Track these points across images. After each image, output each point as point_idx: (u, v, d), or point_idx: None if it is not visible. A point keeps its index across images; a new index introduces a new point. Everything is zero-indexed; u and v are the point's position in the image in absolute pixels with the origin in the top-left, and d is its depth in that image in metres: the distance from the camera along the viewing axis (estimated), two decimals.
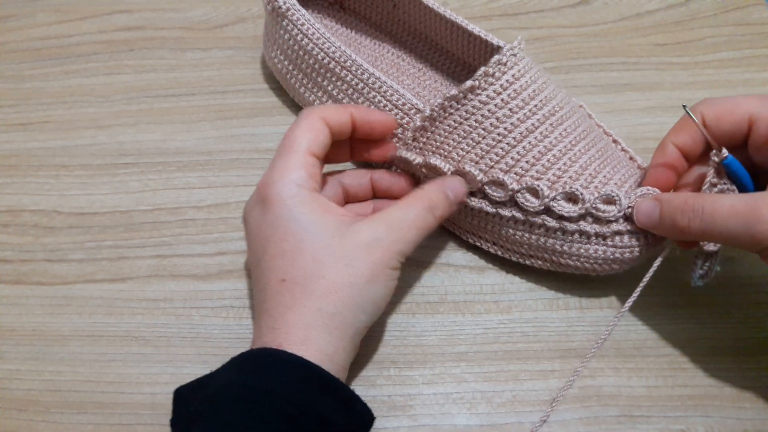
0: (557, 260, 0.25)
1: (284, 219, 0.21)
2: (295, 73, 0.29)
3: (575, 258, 0.24)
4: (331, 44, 0.27)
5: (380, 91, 0.26)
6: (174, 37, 0.35)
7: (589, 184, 0.23)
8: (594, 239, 0.23)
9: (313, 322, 0.20)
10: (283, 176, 0.22)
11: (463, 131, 0.24)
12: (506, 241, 0.25)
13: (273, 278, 0.21)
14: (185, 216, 0.29)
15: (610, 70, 0.32)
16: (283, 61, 0.30)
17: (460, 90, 0.23)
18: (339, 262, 0.21)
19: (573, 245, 0.24)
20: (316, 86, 0.29)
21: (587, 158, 0.24)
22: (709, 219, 0.20)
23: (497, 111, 0.23)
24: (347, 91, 0.27)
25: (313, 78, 0.28)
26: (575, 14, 0.35)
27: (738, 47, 0.33)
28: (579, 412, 0.23)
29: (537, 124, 0.23)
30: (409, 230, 0.22)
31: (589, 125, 0.25)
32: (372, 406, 0.24)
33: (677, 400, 0.24)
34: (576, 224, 0.23)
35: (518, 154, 0.23)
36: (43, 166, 0.31)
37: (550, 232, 0.24)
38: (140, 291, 0.27)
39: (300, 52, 0.28)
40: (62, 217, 0.29)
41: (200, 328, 0.26)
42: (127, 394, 0.25)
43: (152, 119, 0.32)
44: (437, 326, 0.26)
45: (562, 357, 0.25)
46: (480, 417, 0.24)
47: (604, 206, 0.23)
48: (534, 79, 0.24)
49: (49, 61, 0.34)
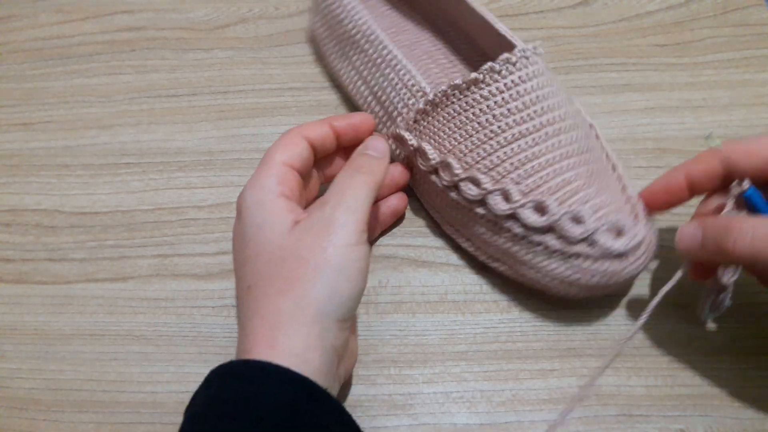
0: (518, 269, 0.24)
1: (247, 225, 0.21)
2: (328, 41, 0.30)
3: (535, 270, 0.24)
4: (361, 16, 0.28)
5: (395, 68, 0.27)
6: (175, 37, 0.35)
7: (564, 201, 0.23)
8: (555, 255, 0.23)
9: (276, 322, 0.19)
10: (252, 185, 0.22)
11: (459, 121, 0.24)
12: (477, 239, 0.26)
13: (241, 287, 0.21)
14: (186, 216, 0.29)
15: (610, 71, 0.32)
16: (321, 27, 0.31)
17: (465, 81, 0.23)
18: (293, 256, 0.20)
19: (535, 257, 0.23)
20: (343, 56, 0.29)
21: (572, 174, 0.23)
22: (760, 241, 0.19)
23: (495, 108, 0.23)
24: (367, 63, 0.28)
25: (342, 47, 0.29)
26: (575, 15, 0.35)
27: (738, 48, 0.33)
28: (578, 412, 0.24)
29: (531, 129, 0.23)
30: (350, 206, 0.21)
31: (590, 145, 0.25)
32: (372, 405, 0.24)
33: (676, 400, 0.24)
34: (541, 236, 0.23)
35: (504, 155, 0.23)
36: (45, 165, 0.31)
37: (516, 239, 0.24)
38: (141, 290, 0.27)
39: (333, 21, 0.29)
40: (64, 216, 0.29)
41: (201, 327, 0.26)
42: (128, 393, 0.25)
43: (154, 119, 0.32)
44: (437, 325, 0.26)
45: (562, 356, 0.25)
46: (480, 416, 0.24)
47: (570, 224, 0.22)
48: (541, 85, 0.24)
49: (51, 61, 0.34)
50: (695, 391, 0.24)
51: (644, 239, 0.23)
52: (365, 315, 0.26)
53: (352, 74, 0.29)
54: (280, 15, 0.35)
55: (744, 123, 0.30)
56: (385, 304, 0.26)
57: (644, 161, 0.30)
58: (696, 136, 0.30)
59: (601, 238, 0.22)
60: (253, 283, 0.21)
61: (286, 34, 0.34)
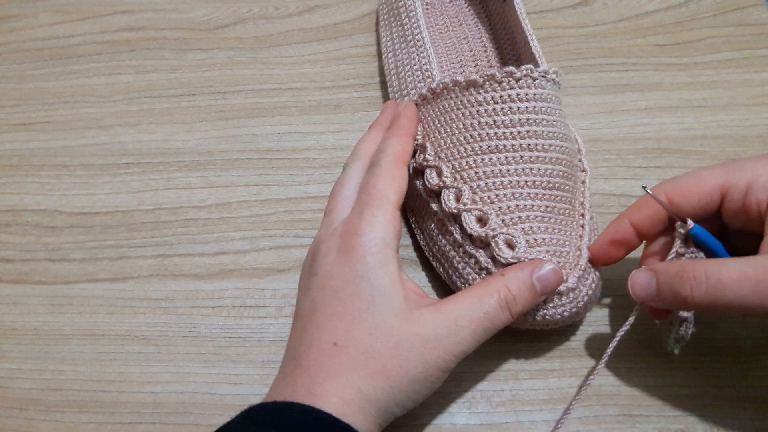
0: (450, 275, 0.24)
1: (359, 276, 0.20)
2: (384, 8, 0.32)
3: (461, 281, 0.24)
4: (412, 9, 0.29)
5: (419, 48, 0.27)
6: (175, 37, 0.35)
7: (508, 224, 0.23)
8: (482, 272, 0.23)
9: (352, 399, 0.19)
10: (372, 230, 0.20)
11: (449, 117, 0.24)
12: (427, 234, 0.26)
13: (325, 337, 0.20)
14: (186, 216, 0.29)
15: (610, 71, 0.32)
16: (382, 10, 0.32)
17: (465, 79, 0.24)
18: (394, 350, 0.19)
19: (465, 268, 0.23)
20: (389, 25, 0.31)
21: (529, 204, 0.23)
22: (716, 286, 0.19)
23: (483, 116, 0.23)
24: (401, 37, 0.29)
25: (390, 16, 0.31)
26: (575, 15, 0.35)
27: (737, 48, 0.33)
28: (578, 412, 0.24)
29: (508, 147, 0.23)
30: (476, 330, 0.20)
31: (565, 186, 0.24)
32: None
33: (677, 400, 0.24)
34: (475, 250, 0.23)
35: (474, 162, 0.23)
36: (45, 166, 0.31)
37: (455, 245, 0.24)
38: (141, 290, 0.27)
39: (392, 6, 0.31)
40: (64, 216, 0.29)
41: (201, 327, 0.26)
42: (128, 393, 0.25)
43: (153, 119, 0.32)
44: None
45: (562, 357, 0.25)
46: (479, 416, 0.24)
47: (504, 246, 0.22)
48: (537, 111, 0.23)
49: (51, 61, 0.34)
50: (695, 392, 0.24)
51: (575, 289, 0.22)
52: None
53: (389, 44, 0.31)
54: (280, 15, 0.35)
55: (743, 123, 0.30)
56: None
57: (644, 161, 0.29)
58: (696, 136, 0.30)
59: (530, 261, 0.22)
60: (342, 344, 0.19)
61: (286, 34, 0.34)
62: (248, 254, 0.28)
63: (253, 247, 0.28)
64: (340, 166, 0.28)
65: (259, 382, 0.25)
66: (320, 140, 0.31)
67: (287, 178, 0.30)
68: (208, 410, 0.24)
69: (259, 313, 0.26)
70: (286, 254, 0.28)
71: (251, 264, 0.27)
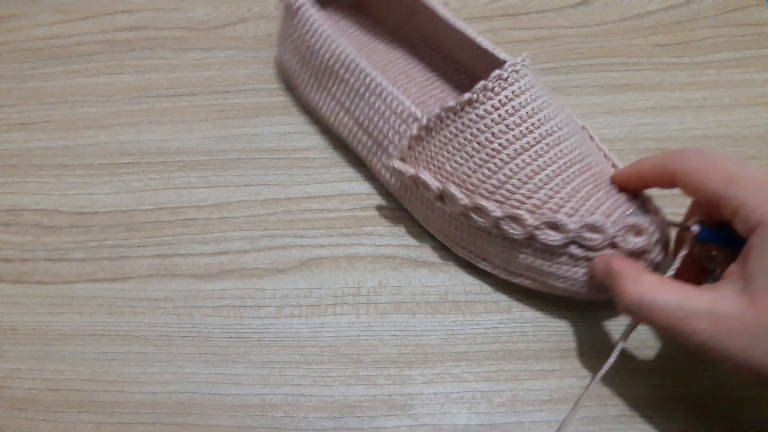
0: (545, 281, 0.24)
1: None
2: (303, 72, 0.29)
3: (562, 280, 0.24)
4: (338, 45, 0.27)
5: (381, 96, 0.26)
6: (175, 37, 0.35)
7: (577, 210, 0.23)
8: (582, 262, 0.23)
9: None
10: None
11: (457, 144, 0.23)
12: (495, 258, 0.25)
13: None
14: (186, 215, 0.29)
15: (611, 71, 0.32)
16: (292, 59, 0.30)
17: (458, 102, 0.23)
18: None
19: (561, 267, 0.23)
20: (321, 87, 0.28)
21: (580, 181, 0.23)
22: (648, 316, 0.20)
23: (493, 126, 0.23)
24: (349, 93, 0.27)
25: (319, 78, 0.28)
26: (576, 15, 0.34)
27: (739, 48, 0.33)
28: (579, 412, 0.23)
29: (532, 142, 0.23)
30: None
31: (588, 148, 0.25)
32: (372, 406, 0.24)
33: (678, 401, 0.24)
34: (563, 249, 0.23)
35: (510, 172, 0.23)
36: (45, 165, 0.31)
37: (537, 254, 0.23)
38: (141, 290, 0.27)
39: (308, 51, 0.28)
40: (63, 216, 0.29)
41: (201, 327, 0.26)
42: (127, 393, 0.25)
43: (153, 119, 0.32)
44: (438, 326, 0.26)
45: (563, 357, 0.25)
46: (480, 417, 0.24)
47: (590, 234, 0.22)
48: (534, 97, 0.23)
49: (50, 61, 0.34)
50: (697, 392, 0.24)
51: (659, 230, 0.23)
52: (365, 315, 0.26)
53: (332, 105, 0.28)
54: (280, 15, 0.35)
55: (745, 123, 0.30)
56: (385, 304, 0.26)
57: None
58: (697, 136, 0.30)
59: (622, 242, 0.22)
60: None
61: None
62: (248, 254, 0.28)
63: (253, 247, 0.28)
64: (340, 166, 0.28)
65: (259, 383, 0.25)
66: (320, 140, 0.31)
67: (287, 177, 0.30)
68: (208, 410, 0.24)
69: (259, 313, 0.26)
70: (286, 254, 0.28)
71: (251, 264, 0.27)
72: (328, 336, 0.25)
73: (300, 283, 0.27)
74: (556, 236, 0.23)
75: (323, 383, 0.24)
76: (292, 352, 0.25)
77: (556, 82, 0.32)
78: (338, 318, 0.26)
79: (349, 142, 0.28)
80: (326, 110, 0.29)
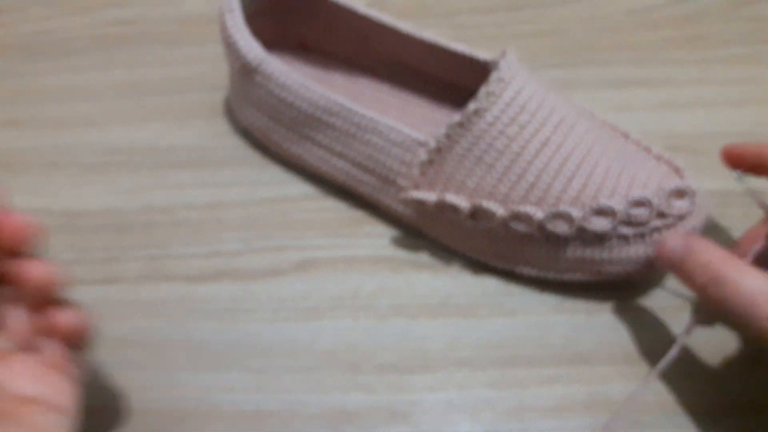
0: (597, 270, 0.24)
1: None
2: (276, 128, 0.27)
3: (616, 263, 0.23)
4: (313, 92, 0.25)
5: (376, 131, 0.25)
6: (168, 31, 0.34)
7: (614, 189, 0.22)
8: (633, 240, 0.22)
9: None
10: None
11: (474, 157, 0.23)
12: (540, 261, 0.24)
13: None
14: (178, 216, 0.28)
15: (619, 66, 0.32)
16: (261, 117, 0.28)
17: (464, 114, 0.22)
18: None
19: (613, 251, 0.23)
20: (302, 138, 0.27)
21: (607, 160, 0.23)
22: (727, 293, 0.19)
23: (506, 129, 0.22)
24: (339, 138, 0.26)
25: (298, 131, 0.27)
26: (582, 8, 0.34)
27: (750, 43, 0.32)
28: (586, 420, 0.23)
29: (549, 134, 0.22)
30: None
31: (597, 124, 0.24)
32: (372, 414, 0.23)
33: (688, 407, 0.23)
34: (613, 231, 0.22)
35: (537, 170, 0.22)
36: (34, 164, 0.30)
37: (587, 243, 0.23)
38: (132, 293, 0.26)
39: (279, 106, 0.26)
40: (52, 216, 0.28)
41: (194, 331, 0.25)
42: (118, 400, 0.24)
43: (145, 116, 0.31)
44: (439, 330, 0.25)
45: (569, 362, 0.24)
46: (484, 424, 0.23)
47: (637, 210, 0.22)
48: (535, 89, 0.23)
49: (40, 56, 0.33)
50: (707, 400, 0.23)
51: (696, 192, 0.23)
52: (364, 319, 0.25)
53: (321, 153, 0.26)
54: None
55: (756, 120, 0.30)
56: (385, 307, 0.25)
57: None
58: (707, 132, 0.29)
59: (667, 209, 0.22)
60: None
61: None
62: (243, 256, 0.27)
63: (247, 249, 0.27)
64: None
65: (253, 389, 0.24)
66: None
67: (284, 176, 0.29)
68: (201, 418, 0.23)
69: (254, 317, 0.25)
70: (282, 256, 0.27)
71: (246, 266, 0.27)
72: (326, 341, 0.25)
73: (296, 285, 0.26)
74: (605, 222, 0.22)
75: (320, 390, 0.24)
76: (288, 358, 0.24)
77: (562, 77, 0.31)
78: (336, 322, 0.25)
79: (348, 185, 0.27)
80: (314, 160, 0.27)
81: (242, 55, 0.26)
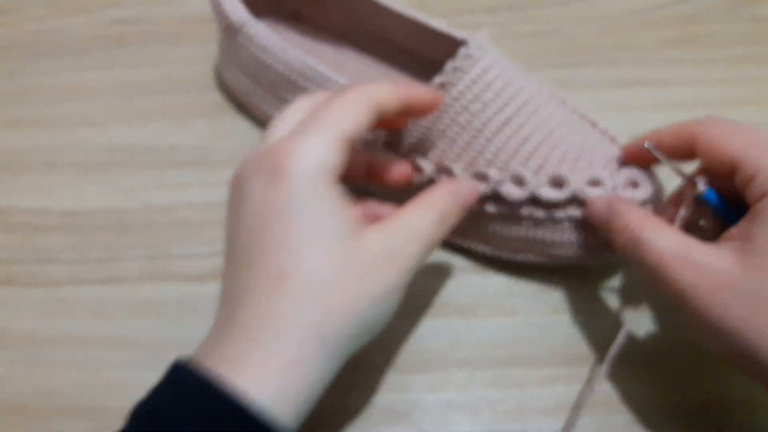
0: (549, 252, 0.24)
1: (294, 203, 0.18)
2: (256, 89, 0.28)
3: (567, 247, 0.23)
4: (291, 56, 0.26)
5: None
6: (168, 31, 0.34)
7: (571, 170, 0.23)
8: (584, 224, 0.23)
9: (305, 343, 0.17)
10: (308, 151, 0.18)
11: (437, 130, 0.23)
12: (494, 237, 0.25)
13: (265, 274, 0.18)
14: (179, 215, 0.28)
15: (618, 66, 0.32)
16: (242, 79, 0.29)
17: (430, 87, 0.23)
18: (348, 278, 0.18)
19: (564, 233, 0.23)
20: (279, 101, 0.27)
21: (567, 144, 0.23)
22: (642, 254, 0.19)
23: (470, 105, 0.23)
24: None
25: (275, 93, 0.27)
26: (582, 8, 0.34)
27: (749, 43, 0.32)
28: (586, 419, 0.23)
29: (511, 114, 0.23)
30: (423, 243, 0.20)
31: (565, 111, 0.25)
32: (371, 414, 0.23)
33: (688, 407, 0.23)
34: (564, 211, 0.23)
35: (496, 148, 0.23)
36: (34, 164, 0.30)
37: (537, 223, 0.23)
38: (132, 293, 0.26)
39: (259, 67, 0.27)
40: (52, 216, 0.28)
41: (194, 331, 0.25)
42: (118, 399, 0.24)
43: (145, 116, 0.31)
44: (440, 330, 0.25)
45: (570, 362, 0.24)
46: (483, 424, 0.23)
47: (590, 189, 0.22)
48: (503, 70, 0.23)
49: (40, 56, 0.33)
50: (707, 398, 0.23)
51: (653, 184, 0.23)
52: None
53: None
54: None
55: (756, 120, 0.30)
56: None
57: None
58: None
59: (622, 193, 0.22)
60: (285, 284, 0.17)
61: None
62: None
63: None
64: None
65: None
66: None
67: None
68: None
69: None
70: None
71: None
72: None
73: None
74: (558, 193, 0.22)
75: None
76: None
77: (562, 76, 0.31)
78: None
79: None
80: None
81: (227, 16, 0.27)
